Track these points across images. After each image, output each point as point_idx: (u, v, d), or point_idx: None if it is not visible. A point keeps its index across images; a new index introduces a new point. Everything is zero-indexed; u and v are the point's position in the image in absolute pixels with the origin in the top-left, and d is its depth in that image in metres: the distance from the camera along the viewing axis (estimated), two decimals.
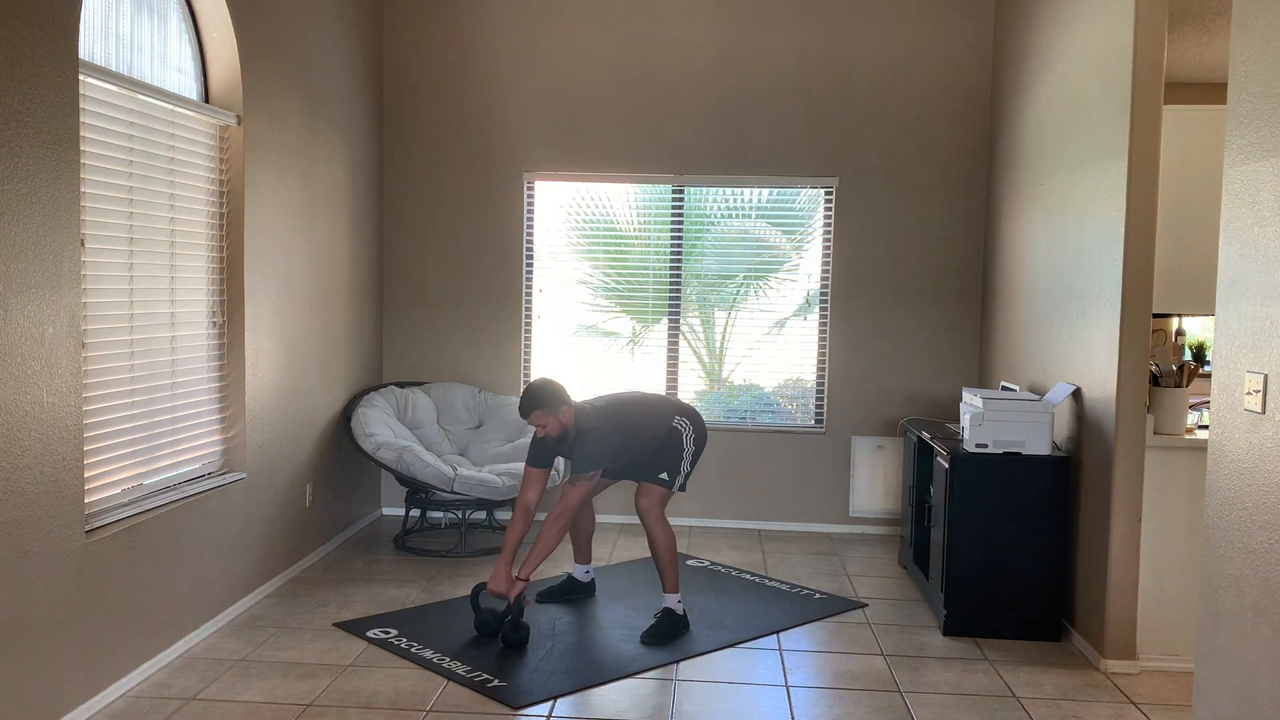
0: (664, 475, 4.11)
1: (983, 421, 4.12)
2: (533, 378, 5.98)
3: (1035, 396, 4.25)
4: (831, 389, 5.85)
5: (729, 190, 5.90)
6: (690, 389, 6.02)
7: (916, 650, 3.99)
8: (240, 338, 4.20)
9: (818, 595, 4.64)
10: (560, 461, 5.17)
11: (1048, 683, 3.70)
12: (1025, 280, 4.90)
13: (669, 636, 4.03)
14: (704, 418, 4.39)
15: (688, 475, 4.19)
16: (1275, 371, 2.37)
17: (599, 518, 5.64)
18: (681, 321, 5.95)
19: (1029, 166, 4.90)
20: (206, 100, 4.10)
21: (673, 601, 4.13)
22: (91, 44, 3.36)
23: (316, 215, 4.93)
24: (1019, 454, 4.11)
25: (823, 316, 5.86)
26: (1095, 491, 3.94)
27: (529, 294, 5.97)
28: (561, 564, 5.00)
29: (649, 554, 5.19)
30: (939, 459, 4.36)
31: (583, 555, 4.50)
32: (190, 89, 4.00)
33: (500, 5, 5.80)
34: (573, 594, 4.47)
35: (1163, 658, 3.83)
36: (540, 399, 3.99)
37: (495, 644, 3.92)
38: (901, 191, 5.75)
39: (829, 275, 5.82)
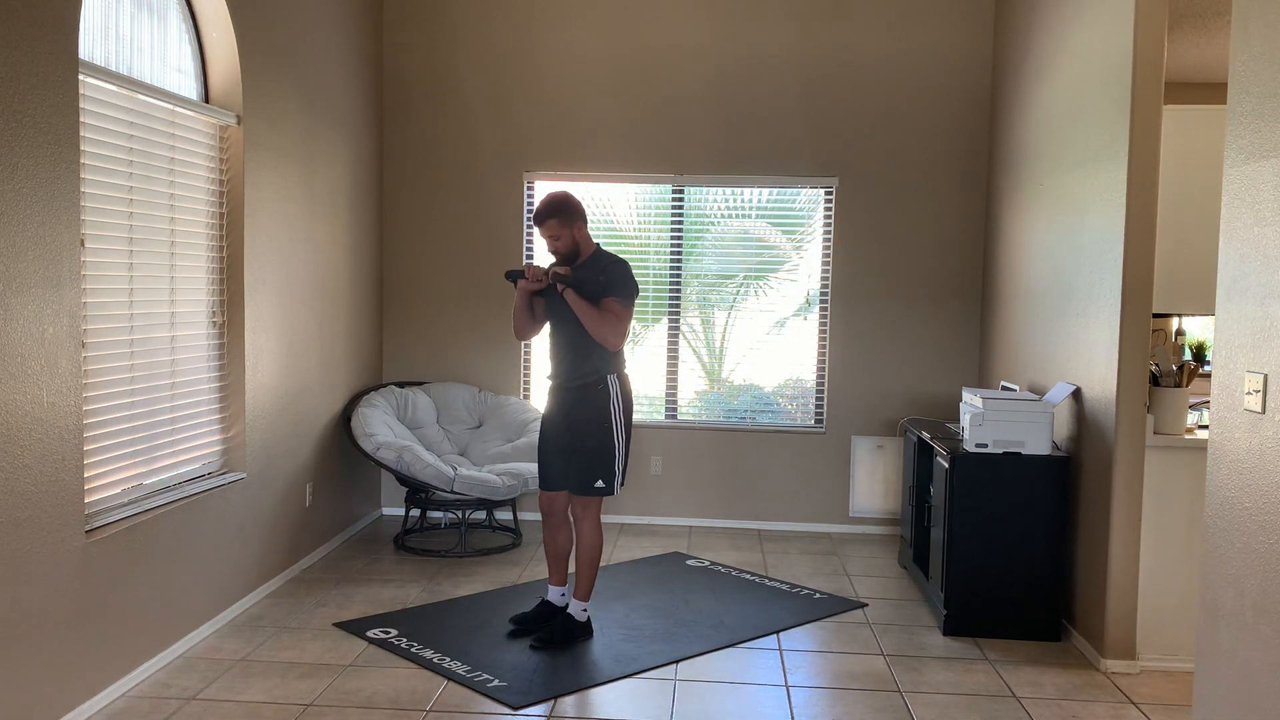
0: (600, 484, 3.88)
1: (983, 421, 4.12)
2: (532, 378, 6.00)
3: (1035, 396, 4.25)
4: (831, 389, 5.85)
5: (729, 190, 5.90)
6: (690, 389, 6.02)
7: (916, 650, 3.99)
8: (240, 338, 4.20)
9: (818, 595, 4.64)
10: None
11: (1048, 683, 3.70)
12: (1025, 280, 4.89)
13: (563, 641, 3.90)
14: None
15: (624, 469, 3.94)
16: (1275, 371, 2.37)
17: None
18: (681, 321, 5.95)
19: (1029, 166, 4.90)
20: (206, 100, 4.10)
21: (578, 609, 3.98)
22: (91, 44, 3.36)
23: (316, 215, 4.93)
24: (1019, 454, 4.11)
25: (823, 316, 5.86)
26: (1095, 491, 3.94)
27: None
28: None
29: (649, 553, 5.21)
30: (939, 459, 4.36)
31: (559, 575, 4.10)
32: (190, 89, 4.00)
33: (499, 4, 5.80)
34: (548, 620, 4.05)
35: (1163, 658, 3.83)
36: (559, 207, 3.72)
37: (494, 644, 3.92)
38: (901, 191, 5.74)
39: (829, 275, 5.82)
